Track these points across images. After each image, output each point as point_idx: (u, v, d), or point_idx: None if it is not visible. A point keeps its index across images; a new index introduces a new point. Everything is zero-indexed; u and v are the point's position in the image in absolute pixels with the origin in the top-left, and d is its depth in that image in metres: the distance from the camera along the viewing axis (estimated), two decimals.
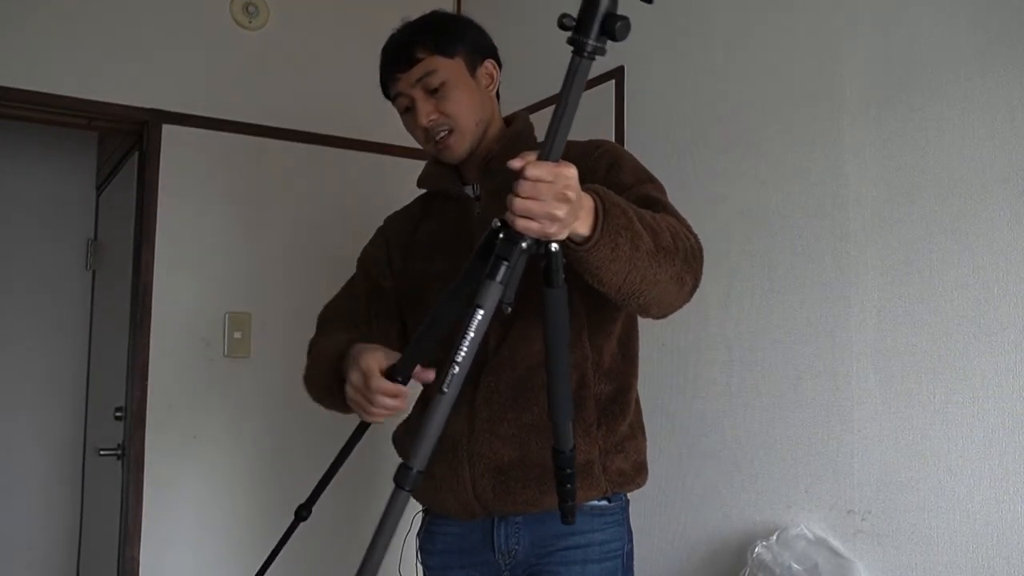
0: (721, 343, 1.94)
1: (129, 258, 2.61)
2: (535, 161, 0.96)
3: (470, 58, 1.40)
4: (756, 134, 1.89)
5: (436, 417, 0.98)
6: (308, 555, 2.61)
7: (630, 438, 1.40)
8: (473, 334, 0.97)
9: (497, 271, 0.98)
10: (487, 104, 1.43)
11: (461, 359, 0.97)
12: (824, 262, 1.72)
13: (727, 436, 1.90)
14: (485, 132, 1.42)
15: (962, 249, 1.49)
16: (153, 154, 2.49)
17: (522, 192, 0.96)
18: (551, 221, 0.97)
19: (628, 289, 1.12)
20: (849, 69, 1.70)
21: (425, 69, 1.37)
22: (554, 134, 0.96)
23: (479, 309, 0.97)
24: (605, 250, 1.07)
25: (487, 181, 1.43)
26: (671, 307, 1.23)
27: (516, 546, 1.38)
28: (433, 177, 1.51)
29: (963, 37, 1.51)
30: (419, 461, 0.97)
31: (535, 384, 1.34)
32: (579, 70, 0.94)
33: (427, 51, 1.37)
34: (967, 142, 1.50)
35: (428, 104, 1.38)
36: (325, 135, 2.74)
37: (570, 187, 0.98)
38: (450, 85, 1.37)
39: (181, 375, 2.49)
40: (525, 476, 1.33)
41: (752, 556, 1.69)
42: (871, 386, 1.62)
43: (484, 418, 1.36)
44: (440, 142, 1.40)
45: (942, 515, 1.50)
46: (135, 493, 2.40)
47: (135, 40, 2.49)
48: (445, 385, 0.97)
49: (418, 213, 1.56)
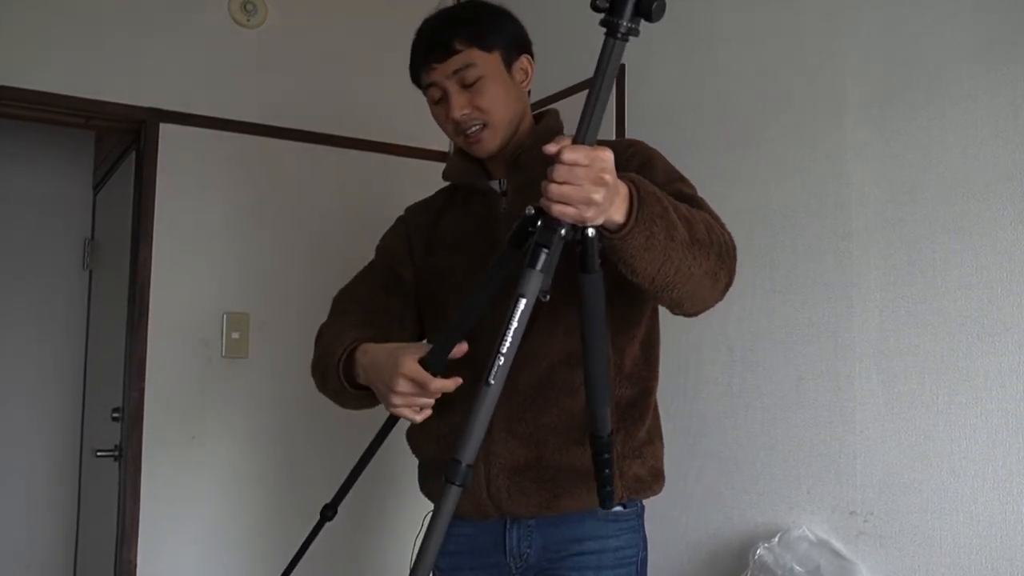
0: (722, 343, 1.94)
1: (126, 258, 2.60)
2: (571, 145, 0.95)
3: (507, 53, 1.38)
4: (757, 133, 1.88)
5: (483, 410, 0.97)
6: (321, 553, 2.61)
7: (648, 444, 1.38)
8: (516, 324, 0.96)
9: (537, 259, 0.97)
10: (520, 100, 1.41)
11: (506, 350, 0.96)
12: (826, 262, 1.72)
13: (728, 437, 1.90)
14: (518, 127, 1.41)
15: (965, 249, 1.49)
16: (151, 153, 2.49)
17: (558, 177, 0.95)
18: (588, 205, 0.96)
19: (662, 280, 1.11)
20: (851, 67, 1.70)
21: (463, 62, 1.34)
22: (588, 117, 0.95)
23: (521, 298, 0.96)
24: (640, 238, 1.05)
25: (515, 176, 1.41)
26: (704, 304, 1.21)
27: (528, 549, 1.36)
28: (459, 170, 1.48)
29: (966, 35, 1.51)
30: (468, 455, 0.97)
31: (556, 383, 1.33)
32: (613, 52, 0.93)
33: (466, 43, 1.34)
34: (970, 141, 1.50)
35: (462, 97, 1.35)
36: (325, 134, 2.74)
37: (607, 170, 0.96)
38: (487, 80, 1.34)
39: (179, 376, 2.49)
40: (541, 477, 1.32)
41: (753, 558, 1.69)
42: (873, 387, 1.62)
43: (502, 417, 1.33)
44: (471, 136, 1.37)
45: (945, 516, 1.50)
46: (132, 495, 2.40)
47: (133, 38, 2.49)
48: (491, 377, 0.97)
49: (441, 206, 1.53)
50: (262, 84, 2.66)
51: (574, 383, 1.32)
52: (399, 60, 1.48)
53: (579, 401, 1.32)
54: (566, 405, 1.32)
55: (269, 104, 2.67)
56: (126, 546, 2.39)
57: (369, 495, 2.66)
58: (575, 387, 1.32)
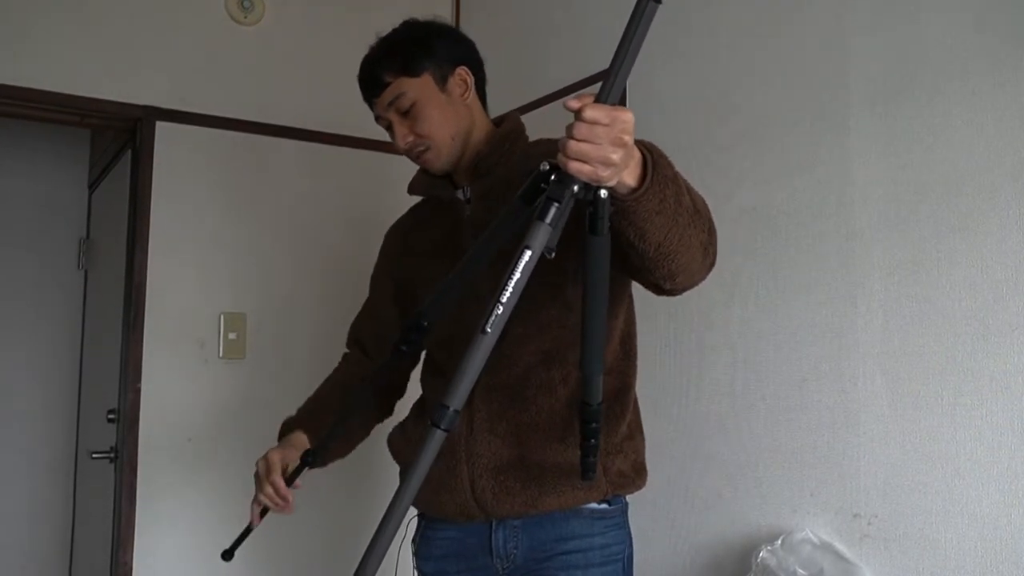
0: (725, 344, 1.94)
1: (122, 258, 2.60)
2: (593, 103, 0.94)
3: (439, 71, 1.42)
4: (760, 131, 1.88)
5: (476, 356, 0.96)
6: (301, 555, 2.61)
7: (628, 438, 1.41)
8: (519, 275, 0.95)
9: (547, 212, 0.96)
10: (462, 114, 1.45)
11: (506, 299, 0.95)
12: (830, 262, 1.72)
13: (731, 439, 1.90)
14: (467, 139, 1.45)
15: (970, 248, 1.49)
16: (146, 152, 2.48)
17: (577, 134, 0.94)
18: (605, 165, 0.95)
19: (666, 247, 1.10)
20: (855, 65, 1.70)
21: (394, 93, 1.41)
22: (614, 77, 0.94)
23: (527, 250, 0.95)
24: (653, 201, 1.05)
25: (477, 184, 1.45)
26: (693, 279, 1.21)
27: (515, 550, 1.38)
28: (423, 184, 1.54)
29: (971, 32, 1.51)
30: (457, 400, 0.95)
31: (533, 382, 1.35)
32: (645, 14, 0.92)
33: (393, 74, 1.41)
34: (976, 139, 1.50)
35: (403, 127, 1.43)
36: (323, 132, 2.74)
37: (627, 131, 0.96)
38: (420, 105, 1.41)
39: (175, 377, 2.49)
40: (525, 476, 1.34)
41: (756, 561, 1.69)
42: (877, 388, 1.62)
43: (483, 417, 1.37)
44: (420, 158, 1.46)
45: (950, 519, 1.50)
46: (128, 497, 2.40)
47: (128, 35, 2.48)
48: (488, 325, 0.95)
49: (412, 222, 1.61)
50: (260, 82, 2.66)
51: (552, 381, 1.35)
52: None
53: (558, 399, 1.35)
54: (544, 404, 1.35)
55: (267, 102, 2.66)
56: (122, 549, 2.39)
57: (348, 498, 2.67)
58: (552, 385, 1.35)
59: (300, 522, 2.55)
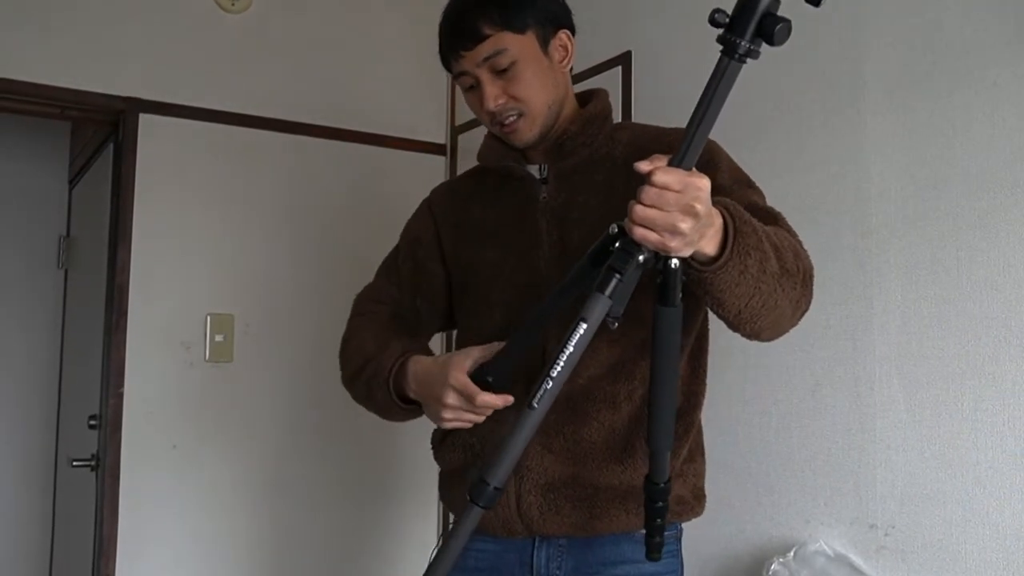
0: (736, 347, 1.93)
1: (104, 256, 2.60)
2: (665, 167, 0.93)
3: (542, 31, 1.33)
4: (772, 124, 1.88)
5: (523, 434, 0.96)
6: (310, 567, 2.61)
7: (689, 461, 1.38)
8: (572, 349, 0.95)
9: (607, 284, 0.96)
10: (560, 82, 1.37)
11: (556, 374, 0.95)
12: (844, 260, 1.72)
13: (741, 446, 1.90)
14: (560, 111, 1.37)
15: (991, 246, 1.49)
16: (129, 145, 2.48)
17: (646, 199, 0.94)
18: (672, 234, 0.95)
19: (748, 313, 1.10)
20: (872, 55, 1.70)
21: (493, 47, 1.29)
22: (689, 140, 0.94)
23: (582, 323, 0.95)
24: (733, 272, 1.04)
25: (558, 163, 1.38)
26: (781, 332, 1.21)
27: (557, 571, 1.34)
28: (494, 153, 1.43)
29: (991, 21, 1.51)
30: (499, 478, 0.96)
31: (596, 396, 1.31)
32: (727, 72, 0.93)
33: (495, 26, 1.29)
34: (997, 132, 1.50)
35: (495, 86, 1.32)
36: (314, 125, 2.73)
37: (700, 199, 0.95)
38: (521, 65, 1.30)
39: (159, 381, 2.49)
40: (577, 496, 1.30)
41: (768, 573, 1.69)
42: (895, 392, 1.62)
43: (538, 430, 1.32)
44: (508, 126, 1.34)
45: (970, 529, 1.50)
46: (110, 506, 2.40)
47: (110, 24, 2.48)
48: (536, 400, 0.96)
49: (470, 190, 1.50)
50: (247, 72, 2.66)
51: (616, 396, 1.31)
52: (392, 47, 1.48)
53: (621, 415, 1.31)
54: (607, 419, 1.31)
55: (255, 93, 2.66)
56: (103, 560, 2.38)
57: (379, 516, 2.68)
58: (617, 400, 1.31)
59: (301, 525, 2.56)
